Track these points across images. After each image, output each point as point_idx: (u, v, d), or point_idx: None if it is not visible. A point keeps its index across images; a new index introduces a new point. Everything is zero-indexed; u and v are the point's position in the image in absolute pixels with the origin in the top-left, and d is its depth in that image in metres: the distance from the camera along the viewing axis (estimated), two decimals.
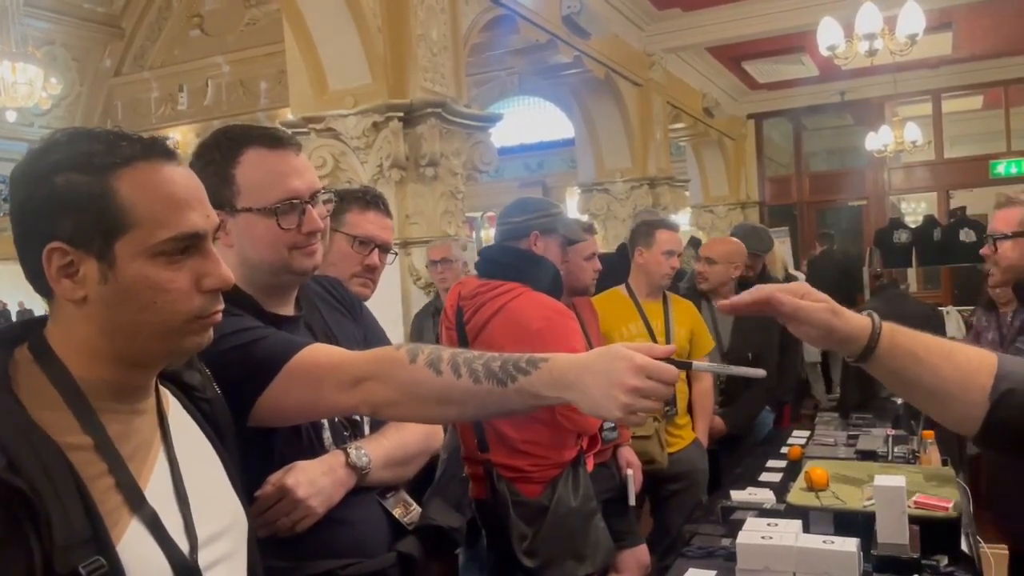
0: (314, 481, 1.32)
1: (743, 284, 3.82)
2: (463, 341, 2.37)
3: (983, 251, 2.44)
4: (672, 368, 1.07)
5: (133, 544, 0.87)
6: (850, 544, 1.79)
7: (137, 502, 0.89)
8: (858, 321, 1.17)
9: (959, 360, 1.18)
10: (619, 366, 1.05)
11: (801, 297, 1.17)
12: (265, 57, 9.13)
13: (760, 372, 1.19)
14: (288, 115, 4.81)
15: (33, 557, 0.79)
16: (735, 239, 3.90)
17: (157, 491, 0.92)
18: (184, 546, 0.91)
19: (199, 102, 10.20)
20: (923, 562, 1.80)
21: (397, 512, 1.45)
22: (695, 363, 1.14)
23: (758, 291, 1.19)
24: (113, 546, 0.84)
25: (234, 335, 1.23)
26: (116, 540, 0.85)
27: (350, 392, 1.18)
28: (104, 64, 10.51)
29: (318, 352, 1.24)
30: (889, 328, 1.17)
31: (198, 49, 10.09)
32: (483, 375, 1.11)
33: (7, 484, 0.79)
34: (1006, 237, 2.33)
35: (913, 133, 9.79)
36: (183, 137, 9.66)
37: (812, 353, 6.28)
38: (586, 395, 1.07)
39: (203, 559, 0.93)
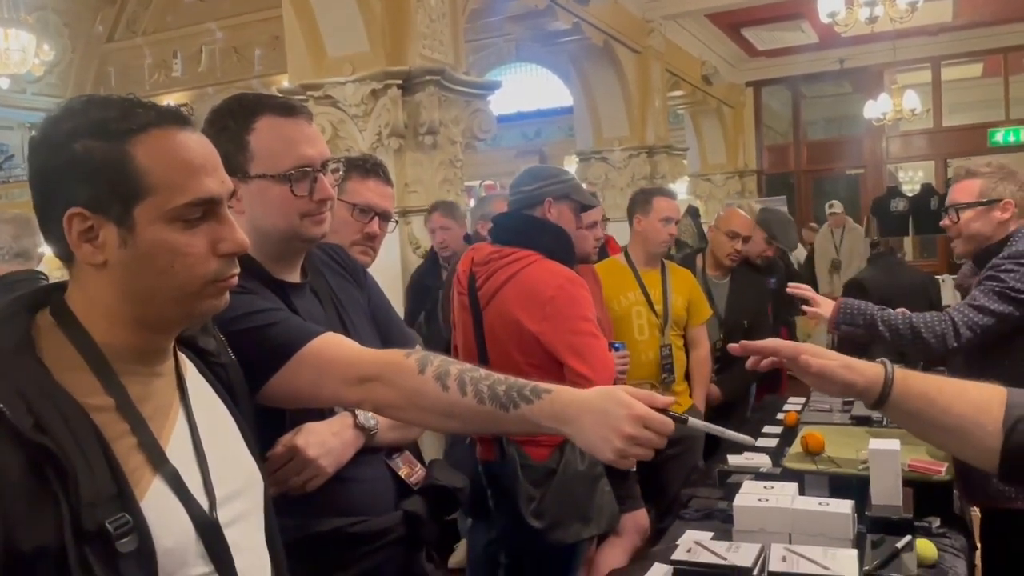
0: (323, 442, 1.35)
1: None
2: (475, 307, 2.39)
3: (944, 223, 2.51)
4: (668, 421, 1.11)
5: (156, 501, 0.89)
6: (844, 506, 1.83)
7: (159, 461, 0.91)
8: (872, 371, 1.23)
9: (971, 396, 1.21)
10: (619, 412, 1.10)
11: (818, 356, 1.25)
12: (259, 23, 9.01)
13: (750, 440, 1.26)
14: (284, 82, 4.78)
15: (61, 514, 0.82)
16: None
17: (177, 451, 0.95)
18: (204, 504, 0.94)
19: (193, 69, 10.09)
20: (916, 523, 1.84)
21: (403, 472, 1.49)
22: (691, 420, 1.17)
23: (782, 348, 1.30)
24: (137, 503, 0.87)
25: (247, 317, 1.24)
26: (140, 497, 0.88)
27: (355, 389, 1.21)
28: (96, 30, 10.37)
29: (329, 343, 1.26)
30: (901, 374, 1.22)
31: (191, 15, 9.95)
32: (487, 397, 1.15)
33: (35, 443, 0.82)
34: (968, 206, 2.39)
35: (912, 101, 9.75)
36: (177, 104, 9.58)
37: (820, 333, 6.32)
38: (583, 433, 1.12)
39: (222, 517, 0.96)
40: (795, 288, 2.57)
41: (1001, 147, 10.45)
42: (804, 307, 2.55)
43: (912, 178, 12.64)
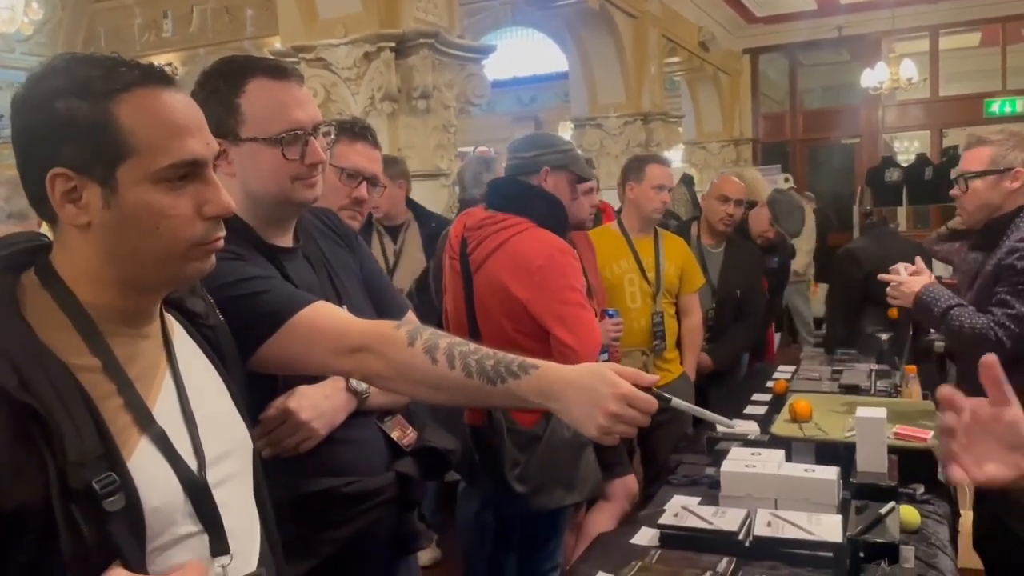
0: (316, 405, 1.36)
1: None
2: (466, 272, 2.39)
3: (953, 192, 2.45)
4: (652, 400, 1.13)
5: (143, 461, 0.89)
6: (830, 472, 1.85)
7: (146, 421, 0.92)
8: None
9: None
10: (604, 390, 1.12)
11: None
12: None
13: (732, 424, 1.29)
14: (276, 44, 4.72)
15: (48, 473, 0.82)
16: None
17: (164, 412, 0.95)
18: (193, 464, 0.94)
19: (184, 29, 9.95)
20: (900, 490, 1.86)
21: (395, 435, 1.50)
22: (674, 400, 1.19)
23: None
24: (124, 463, 0.87)
25: (238, 284, 1.24)
26: (127, 457, 0.88)
27: (345, 358, 1.22)
28: None
29: (320, 312, 1.27)
30: None
31: None
32: (475, 371, 1.17)
33: (20, 403, 0.82)
34: (976, 175, 2.34)
35: (909, 70, 9.70)
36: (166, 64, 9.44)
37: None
38: (568, 409, 1.15)
39: (211, 477, 0.96)
40: (887, 277, 2.46)
41: (997, 117, 10.40)
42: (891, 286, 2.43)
43: (907, 148, 12.61)
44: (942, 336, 2.33)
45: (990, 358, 1.00)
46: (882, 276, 2.50)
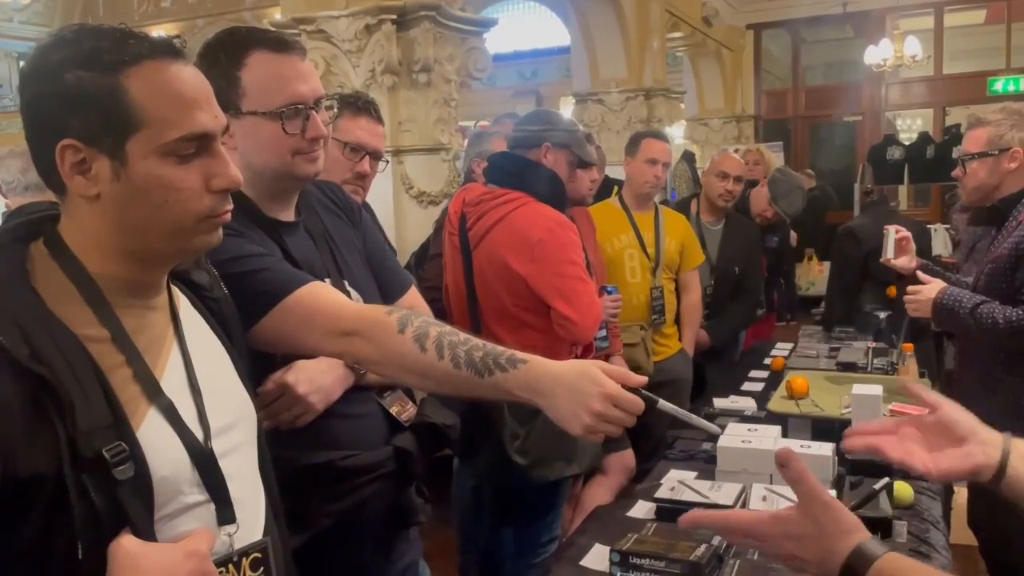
0: (313, 379, 1.37)
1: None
2: (465, 248, 2.40)
3: (954, 173, 2.45)
4: (639, 401, 1.14)
5: (152, 431, 0.91)
6: (826, 448, 1.87)
7: (154, 392, 0.93)
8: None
9: None
10: (591, 390, 1.12)
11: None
12: None
13: (717, 430, 1.30)
14: (276, 15, 4.67)
15: (59, 442, 0.83)
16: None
17: (172, 383, 0.96)
18: (199, 434, 0.96)
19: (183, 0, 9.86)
20: (894, 467, 1.88)
21: (394, 410, 1.51)
22: (661, 402, 1.19)
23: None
24: (133, 432, 0.88)
25: (236, 260, 1.24)
26: (136, 427, 0.89)
27: (337, 340, 1.23)
28: None
29: (315, 293, 1.27)
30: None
31: None
32: (464, 362, 1.17)
33: (32, 372, 0.83)
34: (973, 157, 2.35)
35: (913, 47, 9.63)
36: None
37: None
38: (554, 406, 1.15)
39: (216, 447, 0.97)
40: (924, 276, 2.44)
41: (1000, 96, 10.33)
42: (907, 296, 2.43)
43: (910, 126, 12.55)
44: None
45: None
46: (884, 261, 2.50)
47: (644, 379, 1.19)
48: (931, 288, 2.35)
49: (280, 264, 1.33)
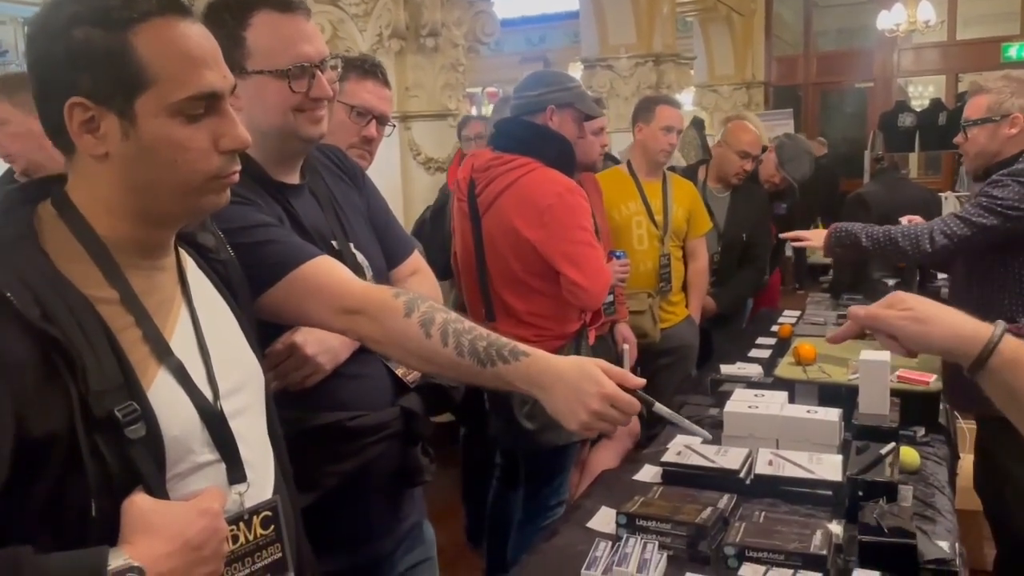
0: (322, 340, 1.38)
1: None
2: (474, 214, 2.39)
3: (956, 140, 2.51)
4: (636, 403, 1.17)
5: (162, 392, 0.92)
6: (832, 414, 1.87)
7: (163, 352, 0.93)
8: (972, 330, 1.11)
9: None
10: (589, 389, 1.15)
11: (889, 306, 1.19)
12: None
13: (706, 434, 1.34)
14: None
15: (71, 402, 0.84)
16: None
17: (181, 344, 0.96)
18: (208, 395, 0.97)
19: None
20: (901, 432, 1.89)
21: (400, 371, 1.52)
22: (656, 405, 1.23)
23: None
24: (144, 392, 0.89)
25: (244, 231, 1.24)
26: (146, 387, 0.90)
27: (341, 317, 1.24)
28: None
29: (322, 268, 1.28)
30: (1015, 344, 1.08)
31: None
32: (467, 351, 1.19)
33: (43, 333, 0.83)
34: (974, 123, 2.39)
35: (926, 12, 9.48)
36: None
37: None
38: (553, 401, 1.18)
39: (226, 408, 0.98)
40: (789, 235, 2.85)
41: (1014, 62, 10.19)
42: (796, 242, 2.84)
43: (922, 93, 12.39)
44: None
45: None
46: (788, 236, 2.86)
47: (643, 381, 1.22)
48: (818, 233, 2.71)
49: (289, 236, 1.33)
